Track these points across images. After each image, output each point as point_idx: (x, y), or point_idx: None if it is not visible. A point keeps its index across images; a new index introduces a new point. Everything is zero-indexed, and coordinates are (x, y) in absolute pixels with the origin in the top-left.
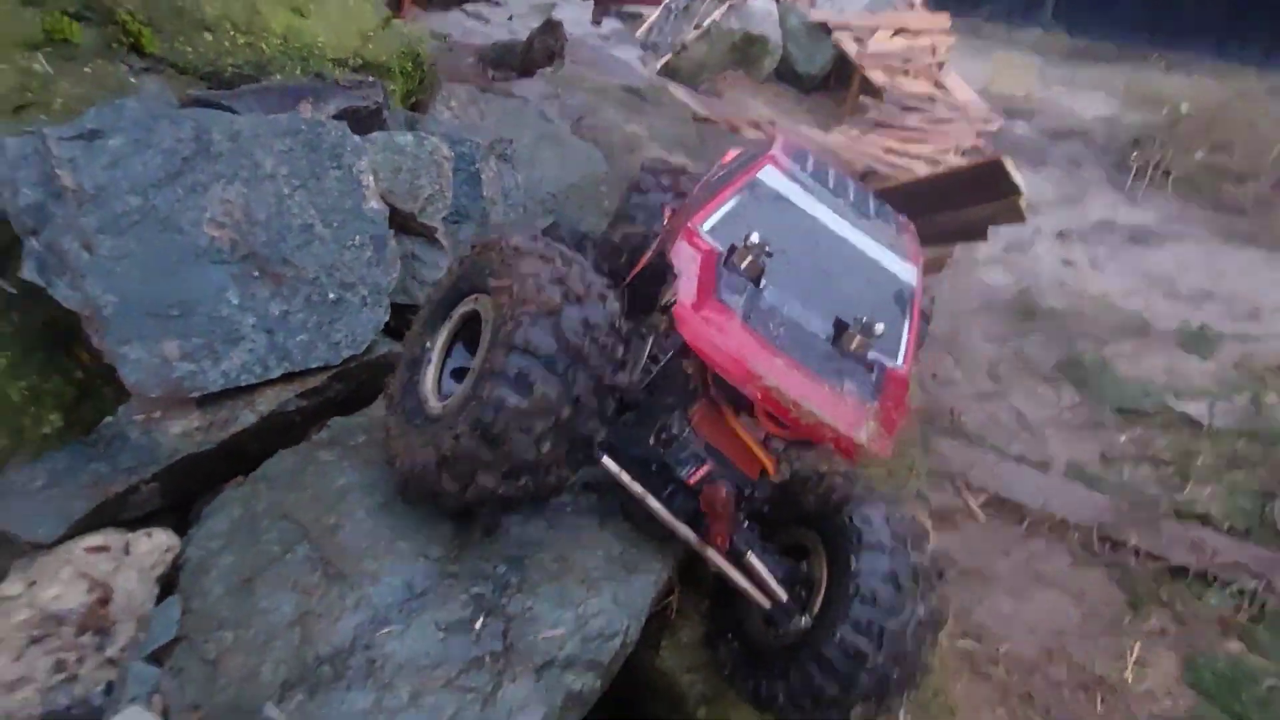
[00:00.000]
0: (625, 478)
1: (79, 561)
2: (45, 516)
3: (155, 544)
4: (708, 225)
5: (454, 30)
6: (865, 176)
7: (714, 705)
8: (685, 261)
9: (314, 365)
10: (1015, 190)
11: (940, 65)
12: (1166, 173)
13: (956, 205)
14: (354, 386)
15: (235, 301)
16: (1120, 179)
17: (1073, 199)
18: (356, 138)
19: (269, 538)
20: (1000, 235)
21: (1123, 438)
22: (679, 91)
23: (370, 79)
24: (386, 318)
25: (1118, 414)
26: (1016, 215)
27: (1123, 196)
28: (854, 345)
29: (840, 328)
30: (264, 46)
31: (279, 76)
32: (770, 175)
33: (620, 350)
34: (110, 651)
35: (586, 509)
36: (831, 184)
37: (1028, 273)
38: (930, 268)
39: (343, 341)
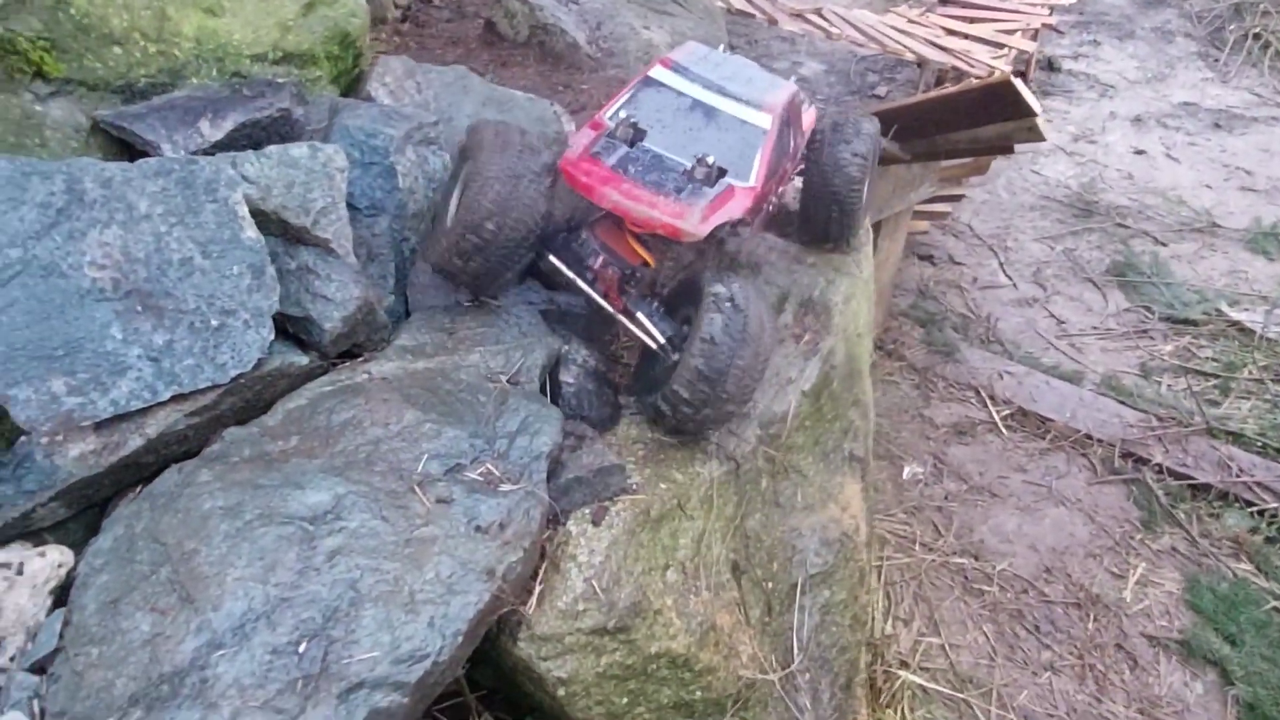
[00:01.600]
0: (562, 267)
1: None
2: None
3: (48, 561)
4: (608, 113)
5: None
6: (940, 80)
7: (570, 685)
8: (579, 135)
9: (203, 385)
10: (1030, 112)
11: None
12: (1266, 45)
13: (970, 124)
14: (249, 398)
15: (119, 336)
16: (1214, 54)
17: (1157, 77)
18: (248, 170)
19: (141, 558)
20: (1070, 121)
21: (1167, 348)
22: None
23: (278, 80)
24: (271, 336)
25: (1166, 323)
26: (1035, 135)
27: (1214, 75)
28: (700, 173)
29: (689, 166)
30: (176, 52)
31: (195, 81)
32: (659, 72)
33: (539, 197)
34: (1, 660)
35: (432, 534)
36: (720, 69)
37: (1093, 164)
38: (973, 168)
39: (229, 362)
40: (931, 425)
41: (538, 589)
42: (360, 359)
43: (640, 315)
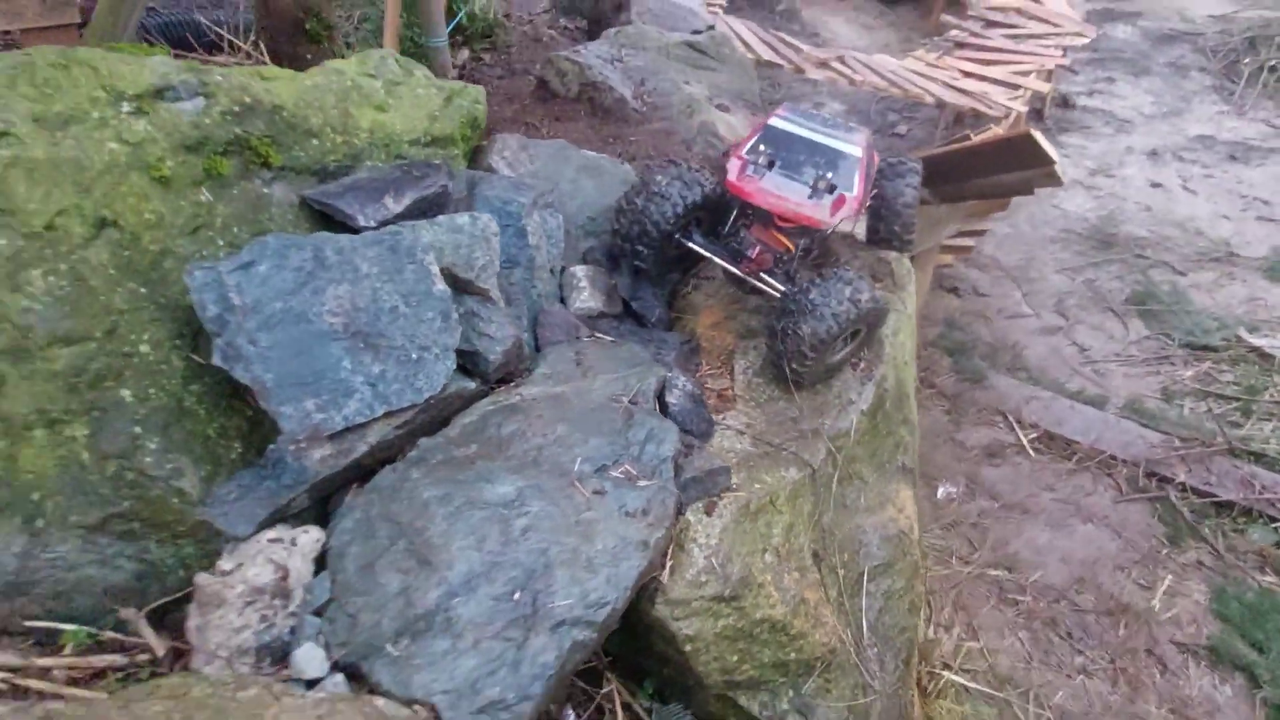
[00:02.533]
0: (701, 250)
1: (265, 550)
2: (240, 519)
3: (310, 537)
4: (744, 149)
5: None
6: (959, 119)
7: (695, 641)
8: (732, 163)
9: (405, 405)
10: (1048, 161)
11: None
12: None
13: (993, 171)
14: (434, 415)
15: (349, 367)
16: (1229, 87)
17: (1172, 112)
18: (425, 237)
19: (381, 534)
20: (1087, 156)
21: (1188, 373)
22: (745, 32)
23: (436, 162)
24: (453, 366)
25: (1186, 349)
26: (1054, 180)
27: (1229, 108)
28: (820, 184)
29: (814, 178)
30: (356, 141)
31: (369, 163)
32: (775, 120)
33: (674, 194)
34: (292, 608)
35: (595, 517)
36: (816, 119)
37: (1112, 197)
38: (997, 205)
39: (423, 386)
40: (963, 448)
41: (669, 564)
42: (512, 384)
43: (764, 275)
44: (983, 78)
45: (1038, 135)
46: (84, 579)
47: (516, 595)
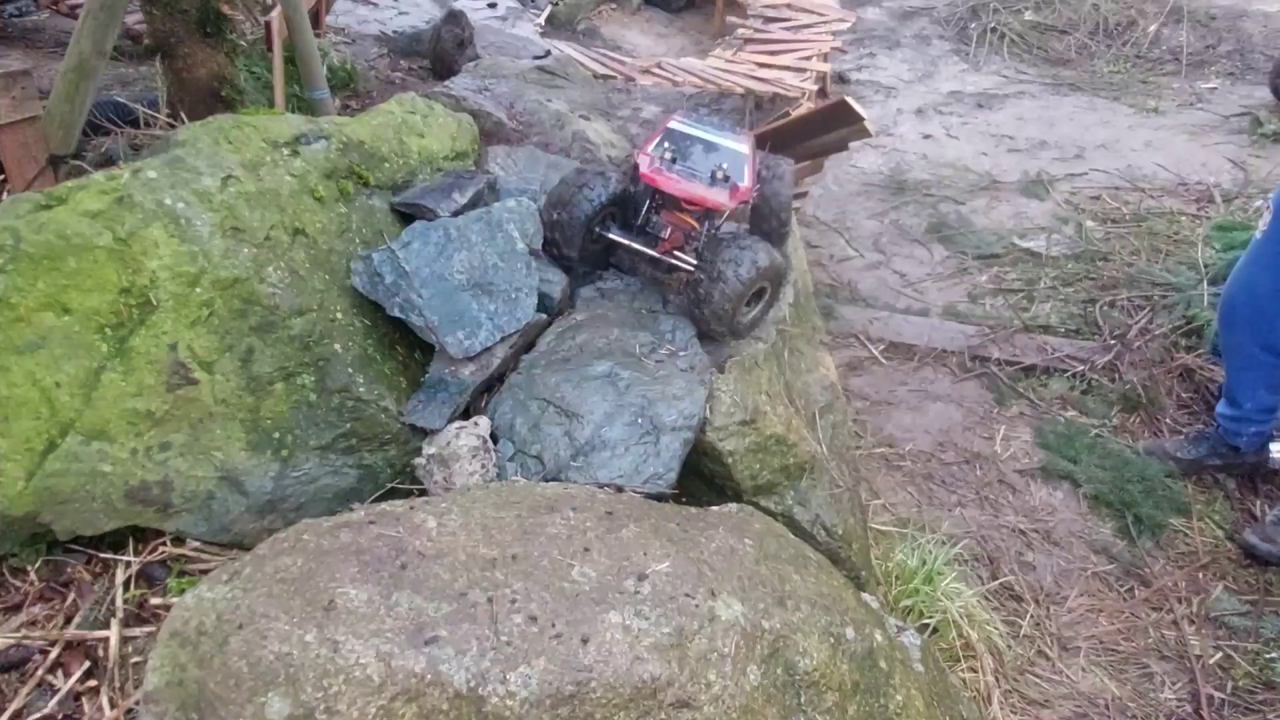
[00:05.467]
0: (620, 238)
1: (459, 432)
2: (435, 417)
3: (485, 421)
4: (649, 147)
5: (348, 19)
6: (759, 104)
7: (733, 455)
8: (641, 158)
9: (512, 330)
10: (860, 119)
11: None
12: (1002, 36)
13: (818, 134)
14: (526, 338)
15: (475, 308)
16: (964, 49)
17: (926, 75)
18: (505, 212)
19: (532, 408)
20: (869, 121)
21: (983, 278)
22: (574, 52)
23: (472, 169)
24: (536, 301)
25: (977, 260)
26: (865, 134)
27: (968, 66)
28: (717, 176)
29: (711, 172)
30: (410, 161)
31: (421, 176)
32: (674, 123)
33: (589, 193)
34: (494, 461)
35: (666, 373)
36: (707, 123)
37: (895, 151)
38: (810, 171)
39: (521, 316)
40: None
41: (709, 405)
42: (565, 314)
43: (677, 254)
44: (775, 66)
45: (851, 100)
46: (321, 488)
47: (639, 421)
